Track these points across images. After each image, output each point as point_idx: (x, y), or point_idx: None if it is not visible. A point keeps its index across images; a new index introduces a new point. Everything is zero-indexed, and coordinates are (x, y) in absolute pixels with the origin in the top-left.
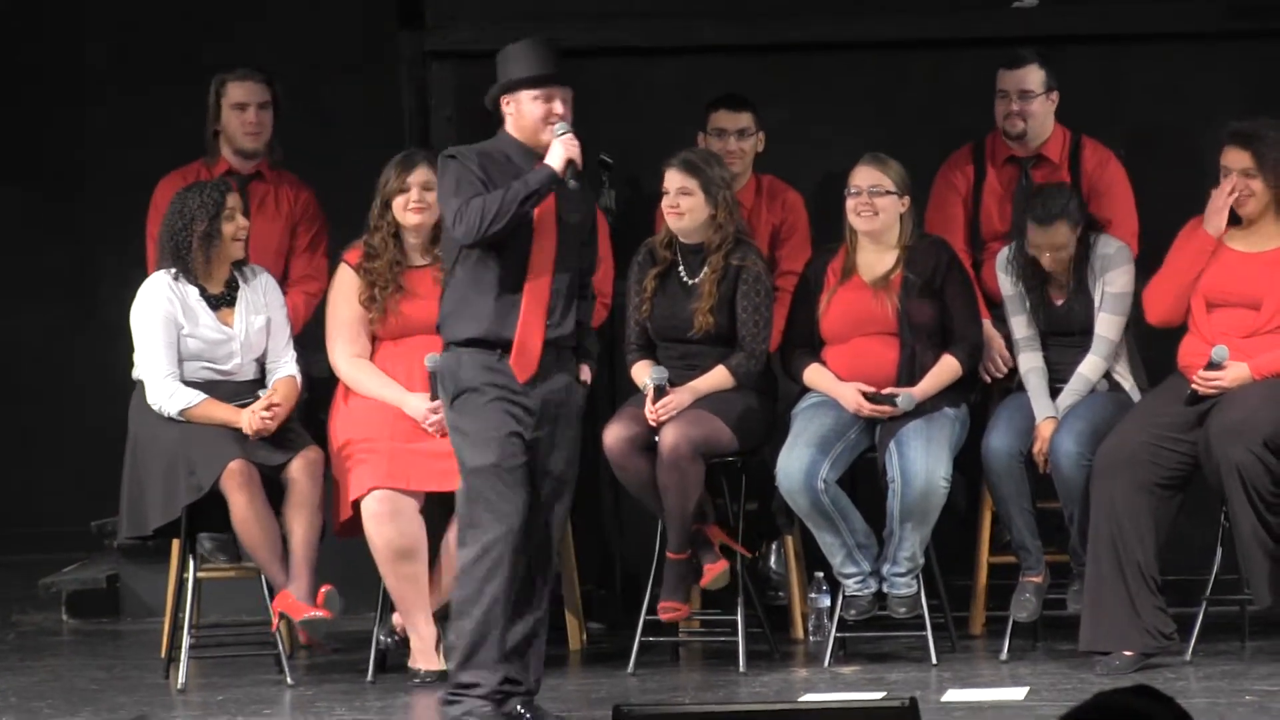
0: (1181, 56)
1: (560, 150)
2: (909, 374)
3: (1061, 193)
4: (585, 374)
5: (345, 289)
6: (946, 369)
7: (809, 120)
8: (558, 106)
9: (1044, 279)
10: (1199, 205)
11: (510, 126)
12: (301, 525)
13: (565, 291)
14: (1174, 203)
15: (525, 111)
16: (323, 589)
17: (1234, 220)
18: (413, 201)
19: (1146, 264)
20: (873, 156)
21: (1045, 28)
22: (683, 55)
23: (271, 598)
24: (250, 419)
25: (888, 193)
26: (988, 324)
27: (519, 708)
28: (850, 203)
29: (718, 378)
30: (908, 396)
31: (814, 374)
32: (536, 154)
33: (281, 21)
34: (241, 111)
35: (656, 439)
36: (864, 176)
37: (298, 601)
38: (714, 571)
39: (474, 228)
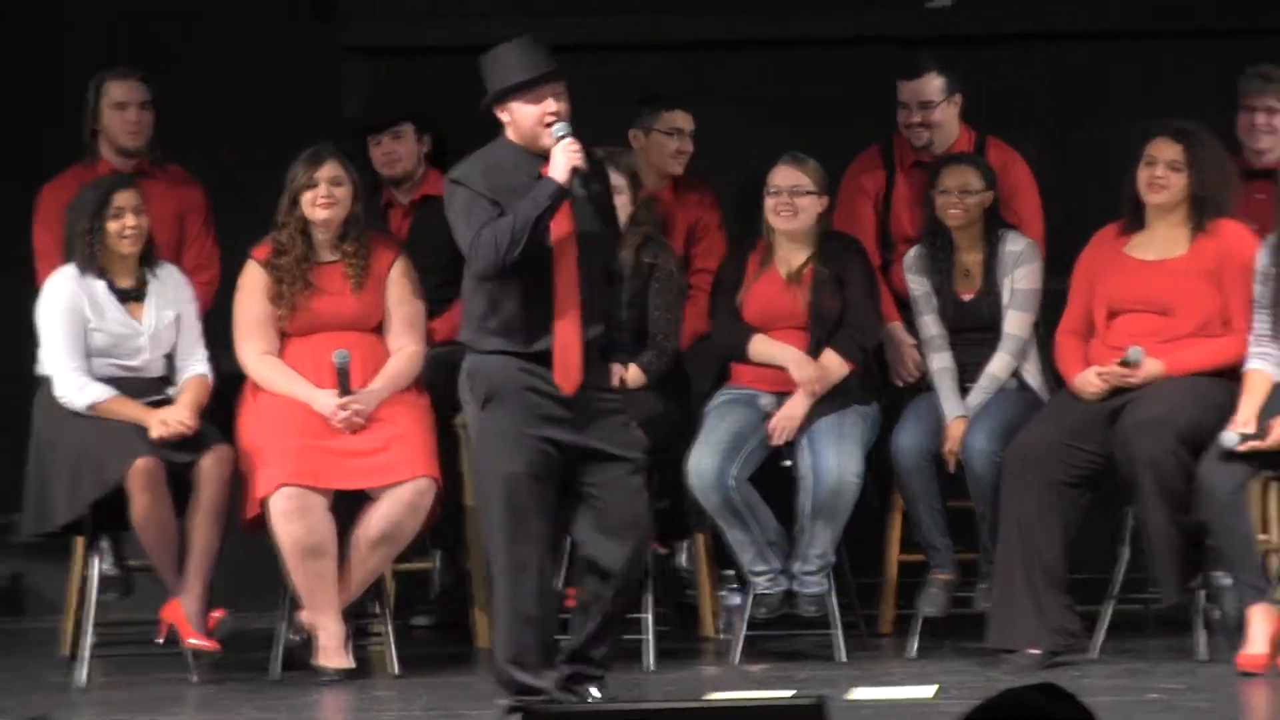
0: (1089, 56)
1: (563, 160)
2: None
3: (974, 154)
4: (615, 377)
5: (253, 285)
6: (831, 362)
7: (724, 119)
8: (551, 105)
9: (952, 270)
10: (1111, 206)
11: (509, 132)
12: (203, 533)
13: (596, 289)
14: (1085, 202)
15: (520, 118)
16: (215, 614)
17: (1137, 223)
18: (321, 197)
19: (1055, 264)
20: (792, 156)
21: (958, 27)
22: (597, 53)
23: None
24: (160, 428)
25: (808, 193)
26: (899, 327)
27: (592, 689)
28: (770, 202)
29: (629, 376)
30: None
31: (762, 342)
32: (540, 156)
33: (194, 15)
34: (122, 111)
35: None
36: (784, 176)
37: (186, 623)
38: None
39: (490, 262)
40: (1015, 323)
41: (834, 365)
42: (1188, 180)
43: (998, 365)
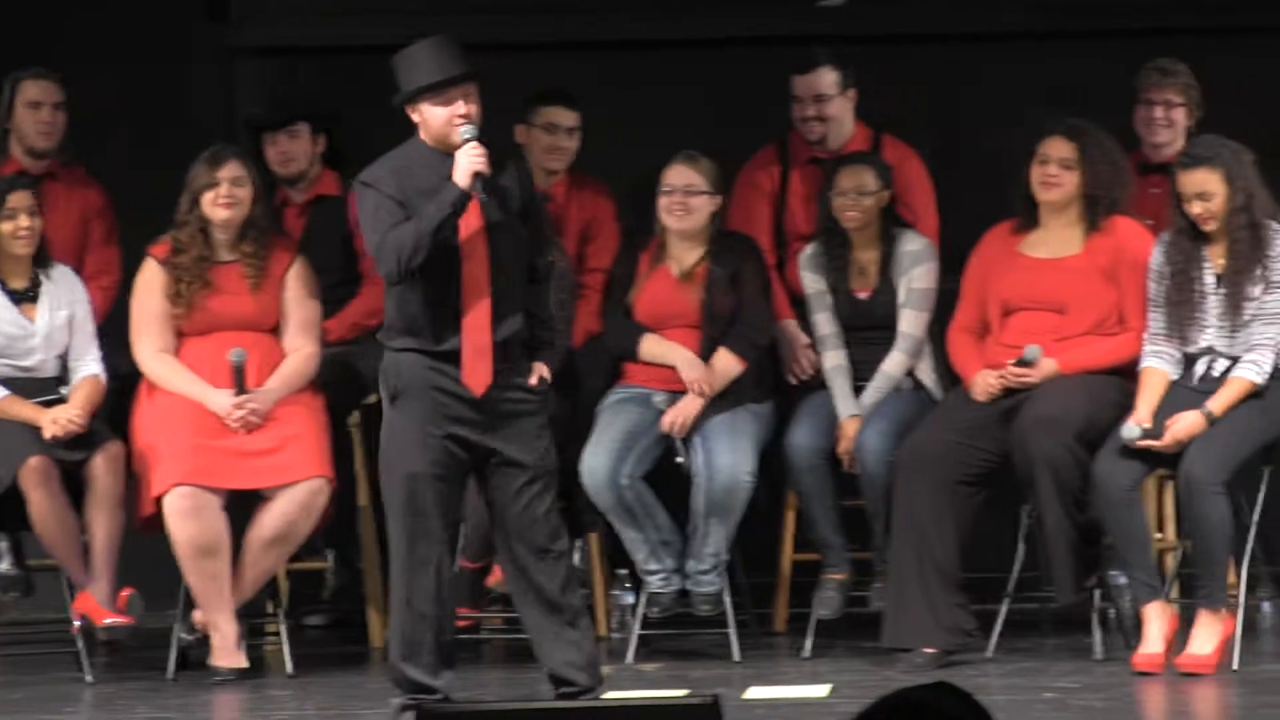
0: (984, 56)
1: (464, 163)
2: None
3: (870, 152)
4: (535, 376)
5: (151, 283)
6: (722, 361)
7: (618, 118)
8: (460, 108)
9: (847, 268)
10: (1001, 204)
11: (421, 133)
12: (103, 524)
13: (510, 292)
14: (976, 201)
15: (430, 119)
16: (124, 593)
17: (1031, 221)
18: (221, 197)
19: (948, 262)
20: (686, 155)
21: (851, 26)
22: (494, 51)
23: (73, 597)
24: (51, 427)
25: (701, 192)
26: (792, 324)
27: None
28: (664, 201)
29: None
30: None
31: (653, 342)
32: (452, 156)
33: (86, 14)
34: (36, 110)
35: None
36: (678, 176)
37: (99, 605)
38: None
39: (393, 268)
40: (910, 322)
41: (727, 364)
42: (1080, 178)
43: (892, 364)
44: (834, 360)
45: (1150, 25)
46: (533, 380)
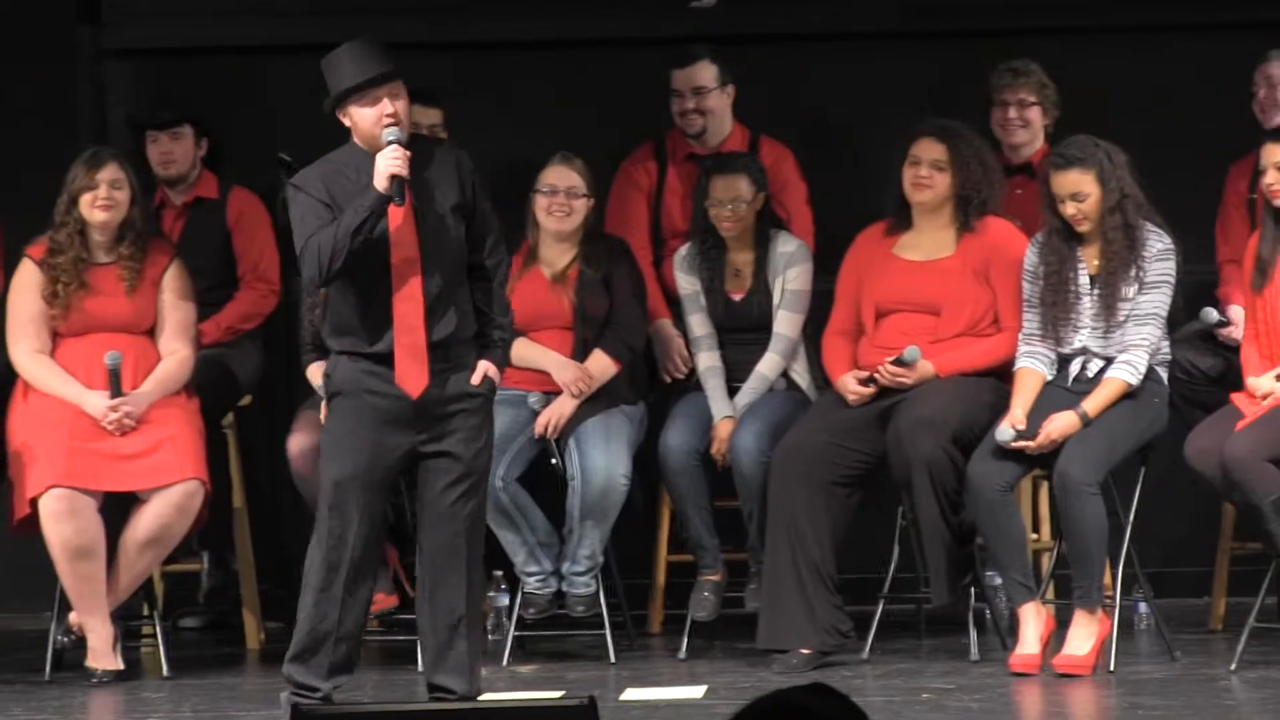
0: (857, 55)
1: (381, 166)
2: None
3: (744, 154)
4: (479, 374)
5: (27, 283)
6: (599, 363)
7: (487, 118)
8: (386, 107)
9: (722, 270)
10: (874, 204)
11: (353, 136)
12: None
13: (446, 289)
14: (850, 200)
15: (358, 121)
16: None
17: (905, 222)
18: (100, 199)
19: (823, 263)
20: (564, 157)
21: (724, 27)
22: None
23: None
24: None
25: (582, 195)
26: (667, 323)
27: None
28: (544, 202)
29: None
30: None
31: (524, 346)
32: None
33: None
34: None
35: None
36: (560, 176)
37: None
38: (384, 604)
39: (315, 272)
40: (785, 323)
41: (602, 366)
42: (951, 179)
43: (767, 365)
44: (708, 361)
45: (1021, 25)
46: (474, 379)
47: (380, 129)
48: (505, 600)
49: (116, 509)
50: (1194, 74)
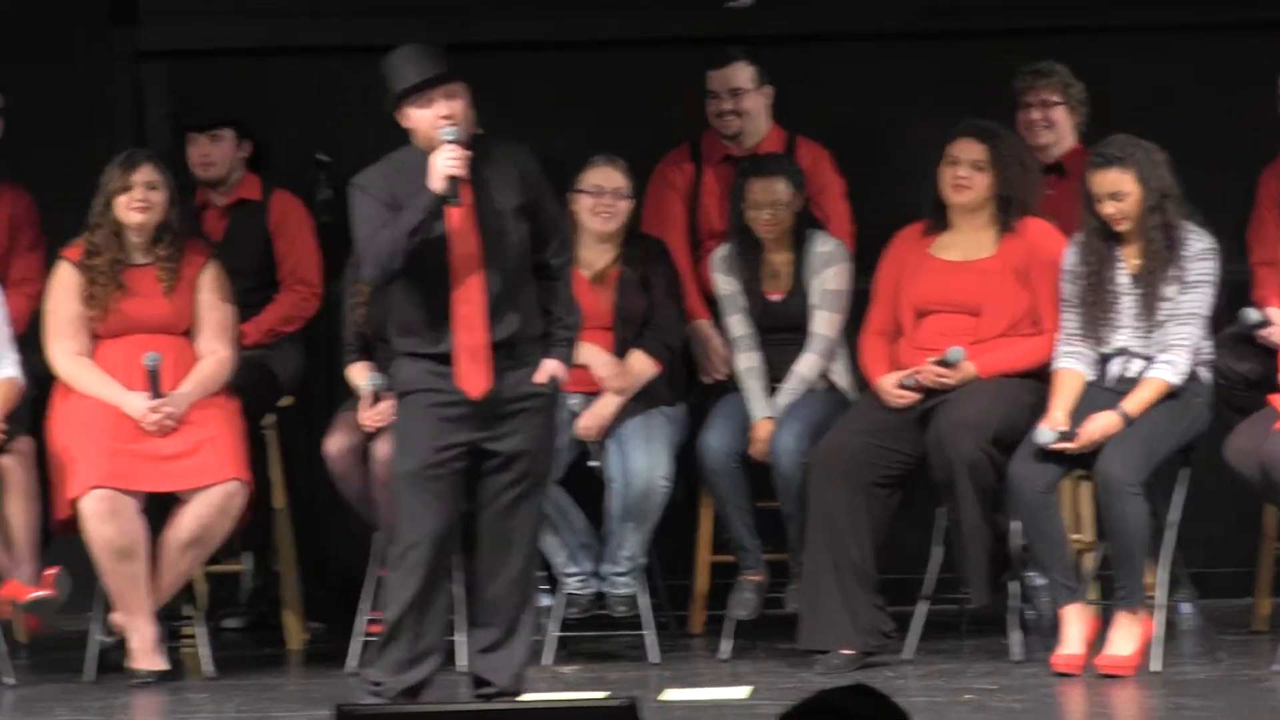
0: (891, 56)
1: (437, 167)
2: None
3: (782, 156)
4: (544, 374)
5: (65, 286)
6: (637, 364)
7: (519, 119)
8: (441, 109)
9: (759, 270)
10: (908, 204)
11: (414, 138)
12: (20, 513)
13: (509, 288)
14: (883, 201)
15: (416, 124)
16: (50, 571)
17: (942, 223)
18: (135, 200)
19: (859, 263)
20: (608, 158)
21: (760, 27)
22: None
23: None
24: None
25: (628, 196)
26: (705, 324)
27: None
28: (590, 202)
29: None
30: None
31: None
32: None
33: None
34: None
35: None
36: (606, 177)
37: (23, 588)
38: None
39: (375, 272)
40: (824, 323)
41: (642, 366)
42: (991, 180)
43: (806, 366)
44: (748, 362)
45: (1059, 24)
46: (539, 377)
47: (436, 130)
48: (547, 601)
49: (158, 510)
50: (1203, 73)
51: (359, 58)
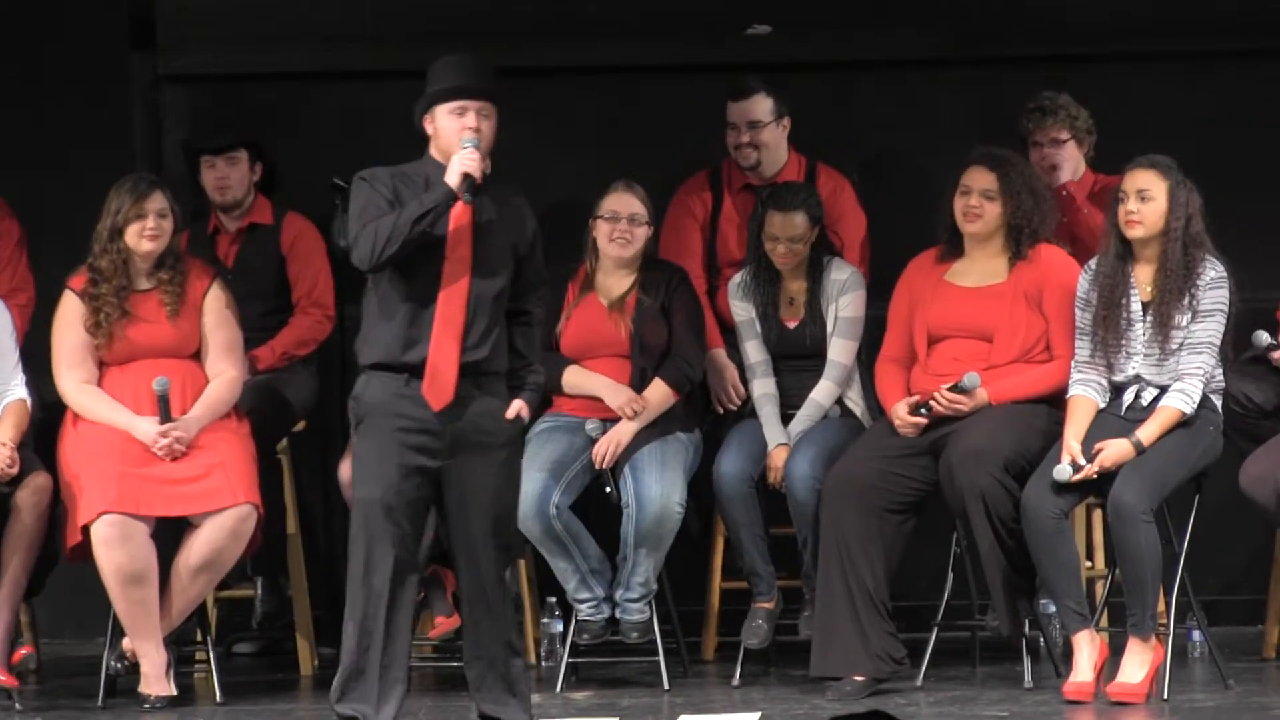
0: (911, 84)
1: (457, 165)
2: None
3: (802, 188)
4: (514, 410)
5: (70, 315)
6: (659, 392)
7: (539, 145)
8: (471, 120)
9: (776, 297)
10: (928, 231)
11: (431, 147)
12: (16, 561)
13: (486, 312)
14: (904, 229)
15: (441, 128)
16: (21, 650)
17: (956, 250)
18: (149, 229)
19: (877, 290)
20: (626, 184)
21: (778, 54)
22: (411, 79)
23: None
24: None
25: (645, 222)
26: (720, 353)
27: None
28: (607, 228)
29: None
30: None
31: (575, 374)
32: None
33: (11, 40)
34: None
35: None
36: (623, 203)
37: None
38: (446, 627)
39: (367, 253)
40: (840, 350)
41: (662, 395)
42: (1002, 208)
43: (822, 393)
44: (763, 388)
45: (1078, 51)
46: (509, 413)
47: (459, 137)
48: (559, 627)
49: (169, 534)
50: (1239, 101)
51: (375, 83)
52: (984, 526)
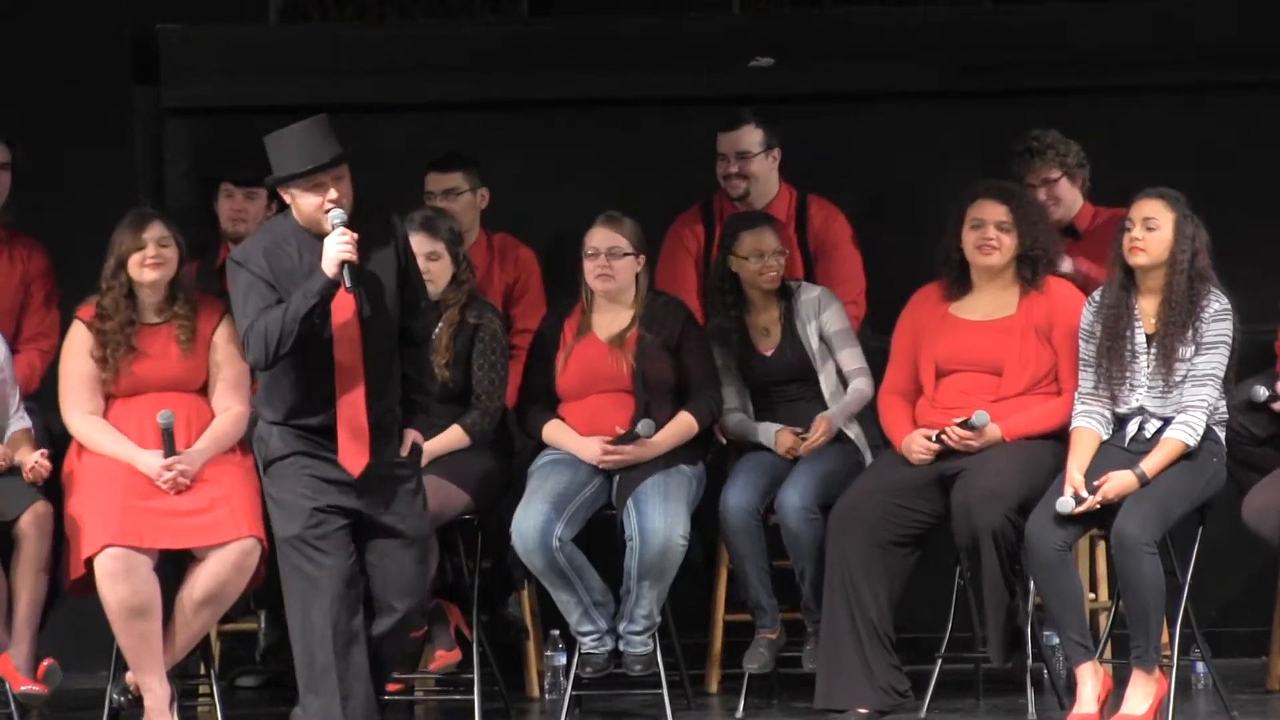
0: (910, 116)
1: (331, 252)
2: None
3: (755, 211)
4: (407, 445)
5: (78, 346)
6: (683, 424)
7: (540, 176)
8: (331, 194)
9: (747, 332)
10: (927, 264)
11: (293, 212)
12: (28, 586)
13: (381, 367)
14: (903, 260)
15: (300, 205)
16: (45, 663)
17: (964, 284)
18: (149, 258)
19: (874, 322)
20: (608, 217)
21: (777, 87)
22: (413, 112)
23: None
24: (31, 472)
25: (625, 254)
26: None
27: None
28: (588, 265)
29: (452, 437)
30: (647, 422)
31: (553, 429)
32: (321, 238)
33: (14, 74)
34: None
35: None
36: (601, 238)
37: (16, 671)
38: (446, 660)
39: (261, 356)
40: (850, 359)
41: (688, 427)
42: (1018, 239)
43: (859, 384)
44: (739, 418)
45: (1079, 83)
46: (404, 450)
47: (322, 214)
48: (562, 659)
49: (173, 568)
50: (1243, 131)
51: (381, 116)
52: (993, 563)
